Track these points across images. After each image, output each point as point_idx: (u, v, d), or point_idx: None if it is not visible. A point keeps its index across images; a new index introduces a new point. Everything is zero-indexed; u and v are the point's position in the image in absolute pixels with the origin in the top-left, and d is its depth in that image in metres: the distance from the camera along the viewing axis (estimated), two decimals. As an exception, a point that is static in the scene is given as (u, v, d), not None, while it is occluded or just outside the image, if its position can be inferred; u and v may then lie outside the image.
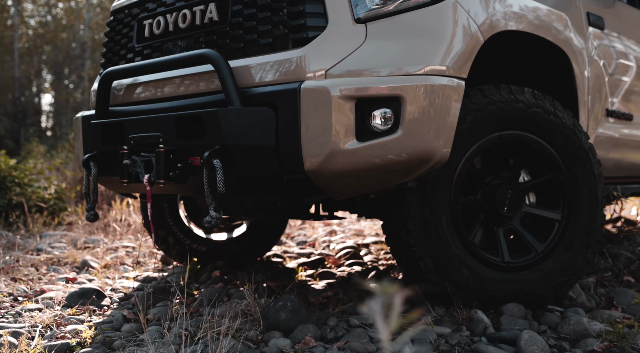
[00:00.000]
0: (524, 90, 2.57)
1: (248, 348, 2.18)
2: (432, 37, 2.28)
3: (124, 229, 5.43)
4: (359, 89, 2.16)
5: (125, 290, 3.22)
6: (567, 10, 2.93)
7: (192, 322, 2.46)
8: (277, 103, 2.23)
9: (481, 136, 2.49)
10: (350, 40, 2.26)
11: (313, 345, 2.20)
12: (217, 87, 2.46)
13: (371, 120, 2.19)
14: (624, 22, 3.55)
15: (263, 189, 2.43)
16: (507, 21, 2.50)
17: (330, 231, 5.53)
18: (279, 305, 2.42)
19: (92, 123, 2.83)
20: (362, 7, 2.28)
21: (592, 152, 2.67)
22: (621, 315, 2.50)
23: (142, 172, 2.54)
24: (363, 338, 2.27)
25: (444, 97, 2.23)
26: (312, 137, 2.16)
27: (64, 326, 2.48)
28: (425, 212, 2.42)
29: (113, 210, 6.11)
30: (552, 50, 2.83)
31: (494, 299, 2.50)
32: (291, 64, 2.26)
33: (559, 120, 2.60)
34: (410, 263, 2.48)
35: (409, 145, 2.18)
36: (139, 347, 2.20)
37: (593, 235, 2.64)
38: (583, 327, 2.29)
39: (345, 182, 2.27)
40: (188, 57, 2.45)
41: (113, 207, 6.25)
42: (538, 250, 2.58)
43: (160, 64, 2.56)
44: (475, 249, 2.49)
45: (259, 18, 2.39)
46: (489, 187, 2.58)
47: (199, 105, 2.48)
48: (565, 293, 2.63)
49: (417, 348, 2.20)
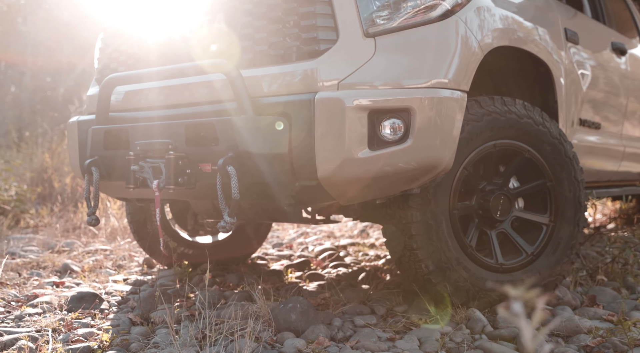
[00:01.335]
0: (515, 102, 2.74)
1: (265, 348, 2.26)
2: (438, 51, 2.41)
3: (94, 232, 5.38)
4: (372, 100, 2.27)
5: (120, 294, 3.24)
6: (548, 27, 3.12)
7: (202, 323, 2.52)
8: (290, 112, 2.32)
9: (477, 145, 2.64)
10: (360, 54, 2.37)
11: (327, 345, 2.30)
12: (227, 96, 2.52)
13: (381, 130, 2.30)
14: (592, 36, 3.77)
15: (274, 195, 2.51)
16: (502, 37, 2.66)
17: (301, 233, 5.63)
18: (289, 306, 2.51)
19: (94, 129, 2.85)
20: (370, 21, 2.39)
21: (575, 160, 2.86)
22: (605, 313, 2.69)
23: (150, 177, 2.59)
24: (372, 338, 2.38)
25: (449, 108, 2.36)
26: (326, 146, 2.26)
27: (74, 330, 2.50)
28: (427, 216, 2.55)
29: (79, 213, 6.05)
30: (537, 64, 3.01)
31: (489, 299, 2.66)
32: (304, 75, 2.36)
33: (547, 130, 2.77)
34: (412, 265, 2.61)
35: (418, 154, 2.30)
36: (158, 349, 2.25)
37: (577, 238, 2.83)
38: (574, 324, 2.47)
39: (355, 189, 2.38)
40: (200, 67, 2.50)
41: (80, 209, 6.18)
42: (528, 252, 2.75)
43: (170, 72, 2.61)
44: (472, 251, 2.64)
45: (269, 30, 2.47)
46: (483, 193, 2.73)
47: (207, 114, 2.54)
48: (552, 292, 2.81)
49: (425, 346, 2.32)
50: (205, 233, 3.95)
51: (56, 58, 16.79)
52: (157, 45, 2.84)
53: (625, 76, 4.13)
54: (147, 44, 2.88)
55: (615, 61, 4.03)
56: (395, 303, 2.86)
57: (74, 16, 17.03)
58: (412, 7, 2.42)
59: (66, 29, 16.89)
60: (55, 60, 16.69)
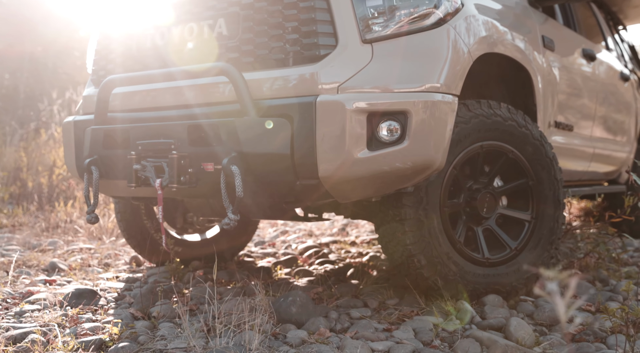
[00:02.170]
0: (500, 105, 2.90)
1: (270, 339, 2.37)
2: (431, 57, 2.55)
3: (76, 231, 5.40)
4: (371, 103, 2.40)
5: (115, 291, 3.31)
6: (528, 34, 3.29)
7: (204, 317, 2.61)
8: (292, 114, 2.43)
9: (466, 146, 2.79)
10: (358, 59, 2.50)
11: (328, 335, 2.42)
12: (228, 98, 2.62)
13: (379, 132, 2.43)
14: (565, 43, 3.97)
15: (275, 193, 2.61)
16: (490, 44, 2.81)
17: (282, 231, 5.73)
18: (289, 300, 2.62)
19: (93, 129, 2.92)
20: (367, 28, 2.52)
21: (555, 160, 3.03)
22: (584, 303, 2.87)
23: (153, 176, 2.67)
24: (369, 329, 2.51)
25: (441, 111, 2.51)
26: (327, 146, 2.38)
27: (80, 324, 2.57)
28: (420, 213, 2.69)
29: (57, 212, 6.05)
30: (518, 69, 3.18)
31: (477, 291, 2.81)
32: (304, 78, 2.47)
33: (529, 132, 2.94)
34: (405, 259, 2.74)
35: (414, 155, 2.44)
36: (167, 340, 2.34)
37: (556, 234, 3.01)
38: (557, 314, 2.63)
39: (353, 187, 2.50)
40: (202, 69, 2.60)
41: (57, 209, 6.18)
42: (512, 247, 2.91)
43: (172, 74, 2.69)
44: (461, 247, 2.79)
45: (270, 35, 2.58)
46: (470, 192, 2.89)
47: (208, 115, 2.64)
48: (534, 285, 2.98)
49: (420, 336, 2.46)
50: (193, 231, 4.03)
51: (17, 53, 16.50)
52: (154, 48, 2.92)
53: (594, 81, 4.35)
54: (144, 46, 2.95)
55: (586, 67, 4.24)
56: (387, 296, 2.99)
57: (38, 13, 16.78)
58: (406, 15, 2.55)
59: (29, 25, 16.63)
60: (15, 56, 16.41)
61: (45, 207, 6.41)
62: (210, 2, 2.75)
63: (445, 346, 2.38)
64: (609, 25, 5.82)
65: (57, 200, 6.52)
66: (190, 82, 2.73)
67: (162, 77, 2.74)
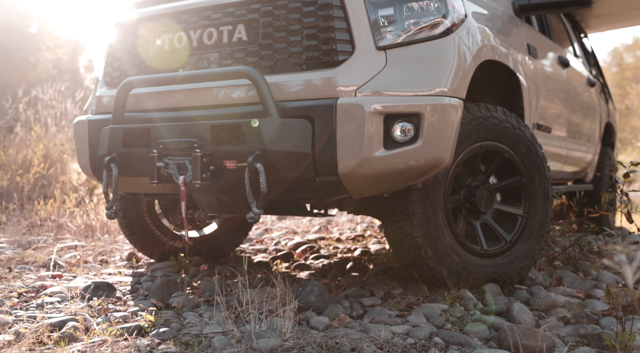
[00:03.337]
0: (497, 109, 3.13)
1: (299, 324, 2.54)
2: (440, 64, 2.76)
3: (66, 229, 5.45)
4: (387, 105, 2.60)
5: (125, 284, 3.42)
6: (517, 43, 3.55)
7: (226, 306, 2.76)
8: (313, 115, 2.61)
9: (467, 146, 3.01)
10: (373, 64, 2.69)
11: (348, 321, 2.61)
12: (250, 100, 2.78)
13: (393, 132, 2.63)
14: (545, 51, 4.25)
15: (294, 189, 2.78)
16: (489, 52, 3.05)
17: (265, 229, 5.89)
18: (308, 289, 2.80)
19: (112, 127, 3.03)
20: (382, 36, 2.72)
21: (544, 160, 3.29)
22: (573, 291, 3.13)
23: (176, 173, 2.81)
24: (384, 315, 2.70)
25: (450, 114, 2.72)
26: (347, 145, 2.56)
27: (111, 313, 2.69)
28: (427, 208, 2.91)
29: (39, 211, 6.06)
30: (508, 75, 3.43)
31: (476, 280, 3.04)
32: (324, 82, 2.65)
33: (522, 134, 3.19)
34: (412, 251, 2.95)
35: (426, 153, 2.65)
36: (200, 327, 2.49)
37: (545, 227, 3.26)
38: (552, 300, 2.88)
39: (369, 183, 2.69)
40: (226, 72, 2.75)
41: (36, 207, 6.19)
42: (507, 239, 3.15)
43: (193, 77, 2.84)
44: (463, 239, 3.02)
45: (289, 41, 2.75)
46: (469, 188, 3.12)
47: (230, 115, 2.79)
48: (526, 274, 3.22)
49: (432, 320, 2.67)
50: (192, 227, 4.16)
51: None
52: (171, 51, 3.05)
53: (568, 86, 4.65)
54: (160, 49, 3.07)
55: (561, 73, 4.54)
56: (391, 286, 3.19)
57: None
58: (417, 24, 2.75)
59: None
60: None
61: (25, 206, 6.40)
62: (230, 9, 2.90)
63: (456, 329, 2.59)
64: (575, 33, 6.17)
65: (37, 199, 6.52)
66: (210, 84, 2.87)
67: (183, 79, 2.87)
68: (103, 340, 2.30)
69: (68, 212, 6.21)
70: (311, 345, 2.23)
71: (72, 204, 6.42)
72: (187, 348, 2.24)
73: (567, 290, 3.15)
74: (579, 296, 3.06)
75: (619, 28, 7.53)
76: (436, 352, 2.27)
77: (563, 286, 3.28)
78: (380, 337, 2.36)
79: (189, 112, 2.91)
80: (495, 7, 3.53)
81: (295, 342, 2.26)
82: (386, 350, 2.24)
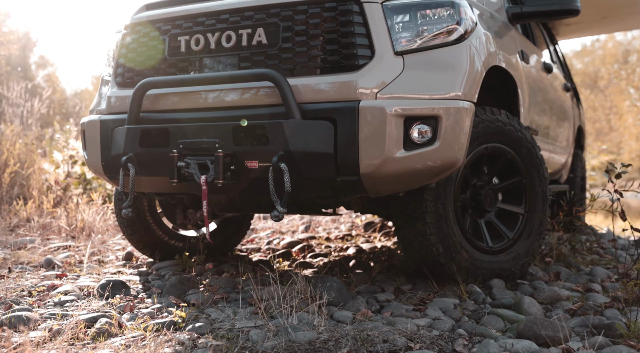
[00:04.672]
0: (500, 112, 3.28)
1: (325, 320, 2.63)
2: (455, 69, 2.89)
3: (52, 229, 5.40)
4: (406, 108, 2.71)
5: (136, 283, 3.45)
6: (514, 49, 3.71)
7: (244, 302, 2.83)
8: (335, 117, 2.70)
9: (475, 147, 3.15)
10: (392, 69, 2.80)
11: (370, 315, 2.71)
12: (270, 101, 2.85)
13: (412, 134, 2.75)
14: (532, 56, 4.44)
15: (314, 189, 2.87)
16: (496, 58, 3.19)
17: (251, 229, 5.94)
18: (327, 285, 2.89)
19: (128, 127, 3.06)
20: (399, 42, 2.83)
21: (542, 161, 3.45)
22: (572, 285, 3.30)
23: (197, 173, 2.87)
24: (401, 309, 2.82)
25: (463, 116, 2.85)
26: (369, 146, 2.67)
27: (138, 309, 2.73)
28: (439, 207, 3.03)
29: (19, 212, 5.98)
30: (507, 80, 3.58)
31: (483, 276, 3.18)
32: (346, 85, 2.75)
33: (523, 136, 3.35)
34: (423, 248, 3.07)
35: (443, 154, 2.77)
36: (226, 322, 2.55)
37: (544, 225, 3.43)
38: (555, 293, 3.04)
39: (388, 183, 2.80)
40: (249, 74, 2.82)
41: (15, 208, 6.11)
42: (510, 237, 3.30)
43: (214, 78, 2.90)
44: (470, 237, 3.15)
45: (310, 45, 2.84)
46: (475, 188, 3.26)
47: (251, 116, 2.85)
48: (527, 270, 3.38)
49: (448, 313, 2.79)
50: (192, 227, 4.20)
51: None
52: (188, 53, 3.10)
53: (550, 91, 4.86)
54: (177, 51, 3.12)
55: (546, 78, 4.74)
56: (400, 283, 3.31)
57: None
58: (433, 30, 2.88)
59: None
60: None
61: (3, 206, 6.31)
62: (248, 13, 2.96)
63: (472, 321, 2.72)
64: (550, 39, 6.41)
65: (16, 200, 6.42)
66: (230, 86, 2.93)
67: (204, 80, 2.92)
68: (142, 335, 2.35)
69: (46, 212, 6.15)
70: (345, 337, 2.33)
71: (50, 205, 6.36)
72: (229, 341, 2.30)
73: (566, 285, 3.32)
74: (578, 290, 3.23)
75: (588, 35, 7.85)
76: (463, 342, 2.39)
77: (561, 281, 3.45)
78: (407, 329, 2.47)
79: (210, 113, 2.96)
80: (495, 15, 3.69)
81: (329, 334, 2.35)
82: (416, 341, 2.35)
